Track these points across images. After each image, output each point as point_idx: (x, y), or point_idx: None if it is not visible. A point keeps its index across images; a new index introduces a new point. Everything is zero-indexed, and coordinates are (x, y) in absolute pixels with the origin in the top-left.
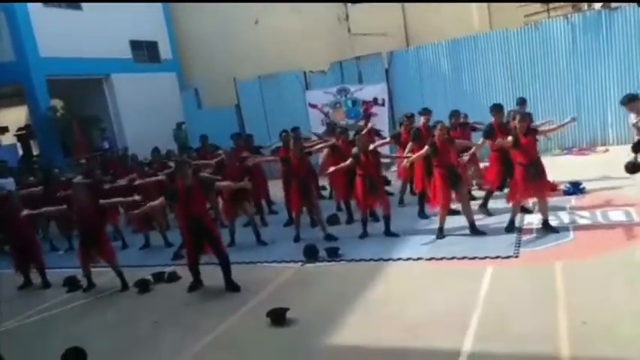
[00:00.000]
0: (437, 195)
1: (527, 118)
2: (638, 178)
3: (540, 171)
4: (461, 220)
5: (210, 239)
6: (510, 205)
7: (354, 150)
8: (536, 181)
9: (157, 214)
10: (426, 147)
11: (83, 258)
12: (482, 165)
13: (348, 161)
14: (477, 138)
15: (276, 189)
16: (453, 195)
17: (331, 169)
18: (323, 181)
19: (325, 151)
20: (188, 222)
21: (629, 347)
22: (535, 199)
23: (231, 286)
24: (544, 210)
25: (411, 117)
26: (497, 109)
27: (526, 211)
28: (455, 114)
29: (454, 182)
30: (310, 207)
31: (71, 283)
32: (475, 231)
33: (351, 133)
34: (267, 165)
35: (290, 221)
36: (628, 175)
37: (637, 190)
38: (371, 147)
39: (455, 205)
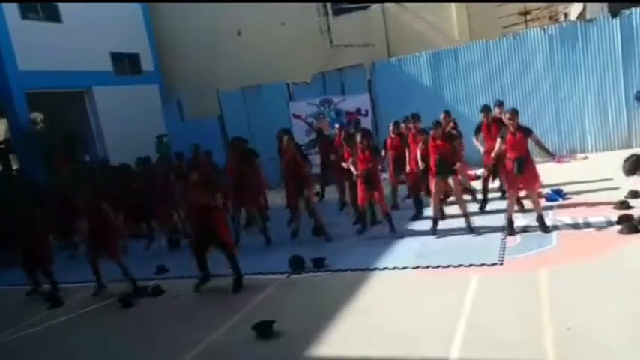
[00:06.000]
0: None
1: (515, 114)
2: (618, 184)
3: (528, 166)
4: (447, 224)
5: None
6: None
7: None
8: (522, 175)
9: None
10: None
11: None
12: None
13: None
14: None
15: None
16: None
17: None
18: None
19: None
20: None
21: (613, 353)
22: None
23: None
24: (535, 204)
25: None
26: (485, 110)
27: (521, 207)
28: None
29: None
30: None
31: (53, 299)
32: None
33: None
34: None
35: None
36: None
37: (617, 196)
38: None
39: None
